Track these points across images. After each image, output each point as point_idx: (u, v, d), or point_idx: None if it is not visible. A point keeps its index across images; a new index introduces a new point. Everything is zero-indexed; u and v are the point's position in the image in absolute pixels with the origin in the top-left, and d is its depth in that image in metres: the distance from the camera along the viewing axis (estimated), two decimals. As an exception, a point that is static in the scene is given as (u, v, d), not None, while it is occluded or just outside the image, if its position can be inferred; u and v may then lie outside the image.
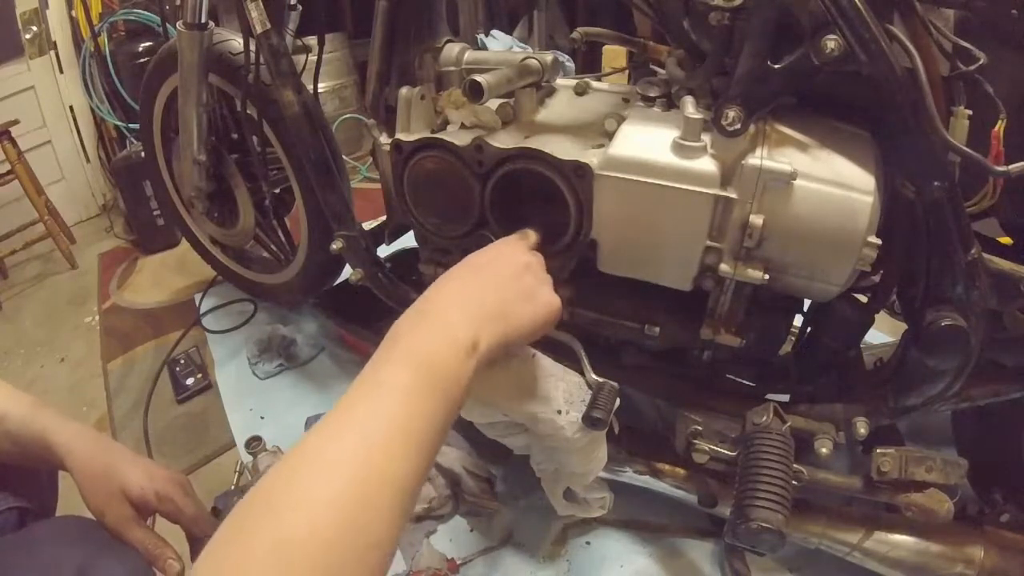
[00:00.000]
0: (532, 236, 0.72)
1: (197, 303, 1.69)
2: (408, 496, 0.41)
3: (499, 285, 0.55)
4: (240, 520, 0.37)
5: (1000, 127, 0.58)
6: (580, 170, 0.71)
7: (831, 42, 0.56)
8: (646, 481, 0.90)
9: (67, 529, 0.59)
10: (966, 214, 0.62)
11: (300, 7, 1.23)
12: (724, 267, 0.69)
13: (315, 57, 1.19)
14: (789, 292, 0.72)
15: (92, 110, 2.43)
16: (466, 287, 0.55)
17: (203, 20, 1.14)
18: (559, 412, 0.73)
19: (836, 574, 0.86)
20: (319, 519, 0.36)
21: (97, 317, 1.80)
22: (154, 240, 2.09)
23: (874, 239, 0.62)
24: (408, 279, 1.07)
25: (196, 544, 0.67)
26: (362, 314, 1.28)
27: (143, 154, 1.60)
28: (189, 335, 1.59)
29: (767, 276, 0.67)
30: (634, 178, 0.69)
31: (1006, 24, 0.60)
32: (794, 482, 0.67)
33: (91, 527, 0.60)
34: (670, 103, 0.77)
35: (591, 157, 0.71)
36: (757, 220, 0.64)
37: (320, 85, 1.28)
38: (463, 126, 0.84)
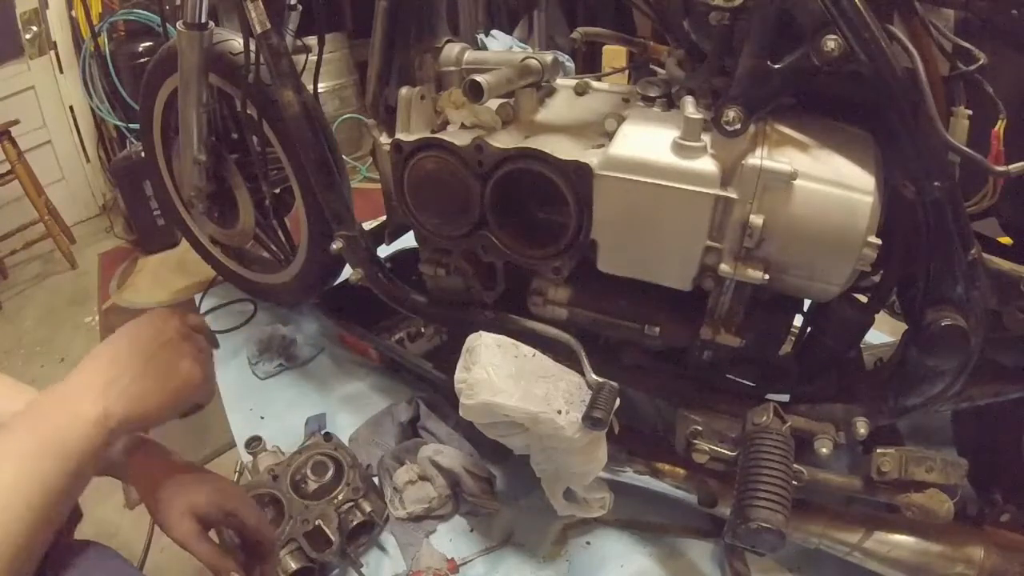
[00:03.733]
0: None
1: (197, 303, 1.69)
2: (16, 555, 0.43)
3: (134, 360, 0.57)
4: None
5: (1000, 127, 0.58)
6: (580, 170, 0.71)
7: (831, 42, 0.56)
8: (646, 481, 0.90)
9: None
10: (966, 214, 0.62)
11: (300, 7, 1.23)
12: (724, 267, 0.69)
13: (315, 57, 1.19)
14: (789, 292, 0.72)
15: (92, 110, 2.42)
16: (100, 364, 0.57)
17: (203, 20, 1.14)
18: (559, 412, 0.73)
19: (836, 574, 0.86)
20: None
21: (97, 317, 1.80)
22: (154, 240, 2.09)
23: (874, 239, 0.63)
24: (408, 279, 1.07)
25: (258, 550, 0.70)
26: (362, 314, 1.28)
27: (143, 154, 1.60)
28: (189, 335, 1.58)
29: (767, 276, 0.67)
30: (634, 178, 0.69)
31: (1006, 24, 0.60)
32: (794, 482, 0.66)
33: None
34: (670, 103, 0.77)
35: (591, 157, 0.71)
36: (757, 220, 0.64)
37: (320, 85, 1.28)
38: (463, 126, 0.84)
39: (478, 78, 0.73)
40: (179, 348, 0.60)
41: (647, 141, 0.69)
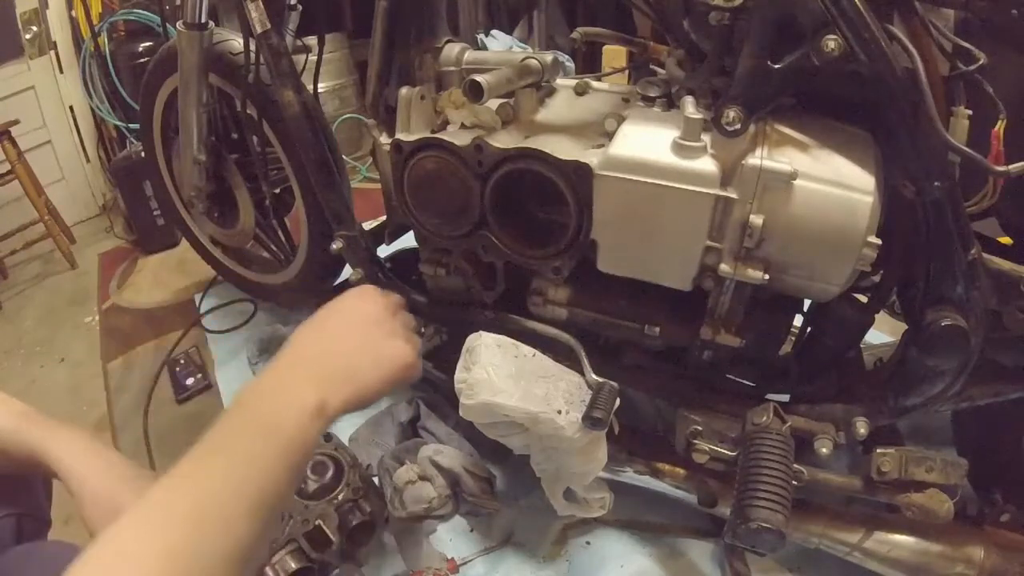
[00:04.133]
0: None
1: (197, 303, 1.69)
2: (241, 558, 0.41)
3: (347, 344, 0.55)
4: (74, 568, 0.36)
5: (1000, 127, 0.58)
6: (580, 170, 0.71)
7: (831, 42, 0.56)
8: (646, 481, 0.90)
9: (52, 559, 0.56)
10: (966, 214, 0.62)
11: (300, 7, 1.23)
12: (724, 267, 0.69)
13: (315, 57, 1.19)
14: (789, 292, 0.72)
15: (92, 110, 2.43)
16: (314, 350, 0.54)
17: (203, 20, 1.14)
18: (559, 412, 0.73)
19: (836, 574, 0.86)
20: None
21: (97, 317, 1.80)
22: (154, 240, 2.09)
23: (874, 239, 0.62)
24: (408, 279, 1.07)
25: None
26: (362, 314, 1.27)
27: (143, 154, 1.60)
28: (189, 335, 1.59)
29: (767, 276, 0.67)
30: (634, 178, 0.69)
31: (1006, 24, 0.60)
32: (794, 482, 0.66)
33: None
34: (670, 103, 0.77)
35: (591, 157, 0.71)
36: (757, 220, 0.64)
37: (320, 85, 1.28)
38: (463, 126, 0.84)
39: (478, 78, 0.73)
40: (389, 326, 0.58)
41: (647, 141, 0.69)
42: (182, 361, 1.46)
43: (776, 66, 0.60)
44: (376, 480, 1.03)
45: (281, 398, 0.49)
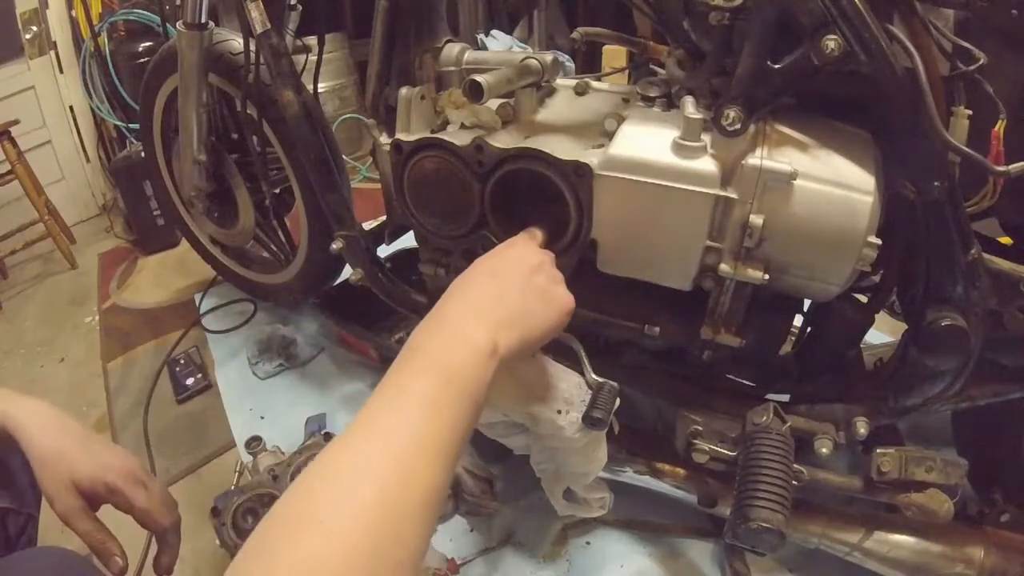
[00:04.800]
0: (539, 234, 0.74)
1: (197, 303, 1.69)
2: (434, 506, 0.41)
3: (514, 288, 0.56)
4: (261, 538, 0.37)
5: (1000, 127, 0.58)
6: (580, 170, 0.71)
7: (831, 42, 0.56)
8: (646, 481, 0.90)
9: (45, 565, 0.56)
10: (966, 214, 0.62)
11: (300, 7, 1.23)
12: (724, 267, 0.69)
13: (315, 57, 1.19)
14: (789, 292, 0.72)
15: (92, 110, 2.43)
16: (481, 293, 0.55)
17: (203, 20, 1.14)
18: (559, 412, 0.73)
19: (836, 574, 0.86)
20: (343, 536, 0.36)
21: (97, 317, 1.80)
22: (154, 240, 2.09)
23: (874, 239, 0.62)
24: (408, 279, 1.07)
25: (159, 536, 0.64)
26: (362, 314, 1.28)
27: (143, 154, 1.60)
28: (189, 335, 1.59)
29: (767, 276, 0.67)
30: (634, 178, 0.69)
31: (1006, 24, 0.60)
32: (794, 482, 0.66)
33: (71, 562, 0.57)
34: (670, 103, 0.77)
35: (591, 157, 0.71)
36: (757, 220, 0.64)
37: (320, 85, 1.28)
38: (463, 126, 0.84)
39: (478, 78, 0.73)
40: (551, 272, 0.59)
41: (647, 141, 0.69)
42: (182, 361, 1.46)
43: (776, 66, 0.60)
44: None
45: (455, 340, 0.49)
